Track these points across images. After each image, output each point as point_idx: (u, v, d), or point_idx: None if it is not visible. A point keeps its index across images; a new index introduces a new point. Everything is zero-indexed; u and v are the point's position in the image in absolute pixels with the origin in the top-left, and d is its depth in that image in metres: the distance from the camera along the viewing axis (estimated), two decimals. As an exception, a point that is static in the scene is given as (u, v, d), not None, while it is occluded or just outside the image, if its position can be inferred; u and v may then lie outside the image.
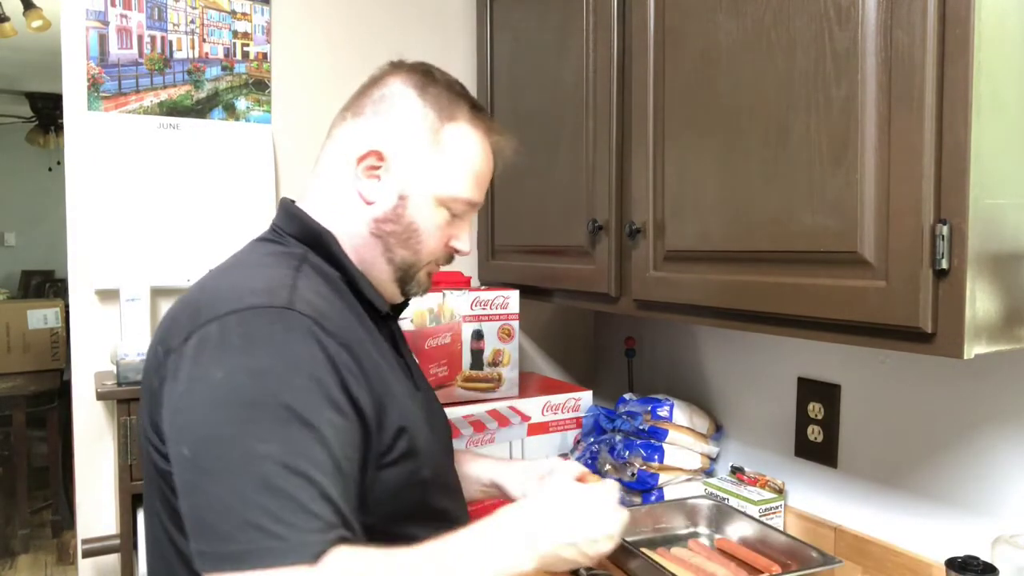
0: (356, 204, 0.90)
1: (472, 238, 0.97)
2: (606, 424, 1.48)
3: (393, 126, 0.89)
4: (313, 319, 0.76)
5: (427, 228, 0.91)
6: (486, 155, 0.94)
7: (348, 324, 0.82)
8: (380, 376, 0.83)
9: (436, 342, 1.39)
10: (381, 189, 0.89)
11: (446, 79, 0.94)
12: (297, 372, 0.73)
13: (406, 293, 0.95)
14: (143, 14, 1.46)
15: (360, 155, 0.89)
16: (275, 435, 0.70)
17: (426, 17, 1.73)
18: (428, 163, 0.89)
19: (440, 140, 0.90)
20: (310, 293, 0.80)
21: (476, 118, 0.93)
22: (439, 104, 0.90)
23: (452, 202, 0.91)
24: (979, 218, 0.78)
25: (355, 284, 0.90)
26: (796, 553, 1.20)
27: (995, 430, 1.09)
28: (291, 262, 0.85)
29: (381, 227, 0.90)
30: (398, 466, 0.82)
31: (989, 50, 0.77)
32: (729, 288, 1.05)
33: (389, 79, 0.92)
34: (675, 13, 1.13)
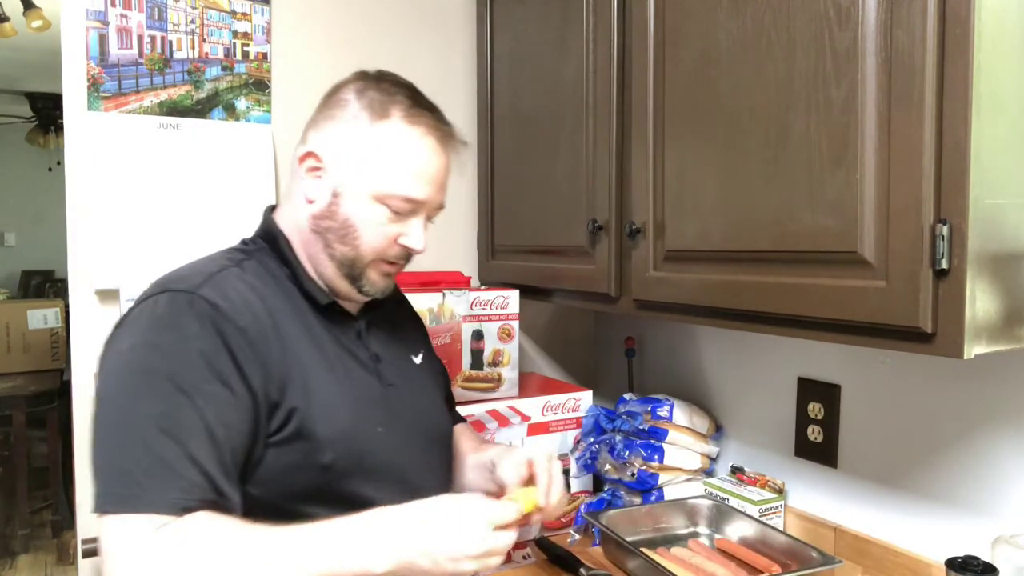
0: (302, 203, 0.96)
1: (424, 235, 0.98)
2: (606, 424, 1.47)
3: (330, 128, 0.95)
4: (213, 304, 0.84)
5: (364, 224, 0.94)
6: (427, 151, 0.95)
7: (266, 314, 0.88)
8: (289, 361, 0.88)
9: (436, 342, 1.39)
10: (319, 187, 0.95)
11: (392, 80, 0.98)
12: (186, 348, 0.82)
13: (361, 291, 0.98)
14: (143, 14, 1.46)
15: (300, 156, 0.96)
16: (157, 401, 0.79)
17: (426, 17, 1.73)
18: (359, 161, 0.93)
19: (371, 138, 0.93)
20: (232, 282, 0.89)
21: (414, 115, 0.94)
22: (372, 105, 0.94)
23: (388, 199, 0.93)
24: (979, 218, 0.78)
25: (298, 279, 0.96)
26: (796, 553, 1.20)
27: (995, 430, 1.09)
28: (234, 257, 0.94)
29: (319, 223, 0.95)
30: (287, 447, 0.87)
31: (989, 50, 0.77)
32: (729, 288, 1.05)
33: (342, 87, 0.98)
34: (675, 13, 1.13)
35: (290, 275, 0.96)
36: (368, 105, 0.94)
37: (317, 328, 0.94)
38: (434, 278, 1.49)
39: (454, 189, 1.77)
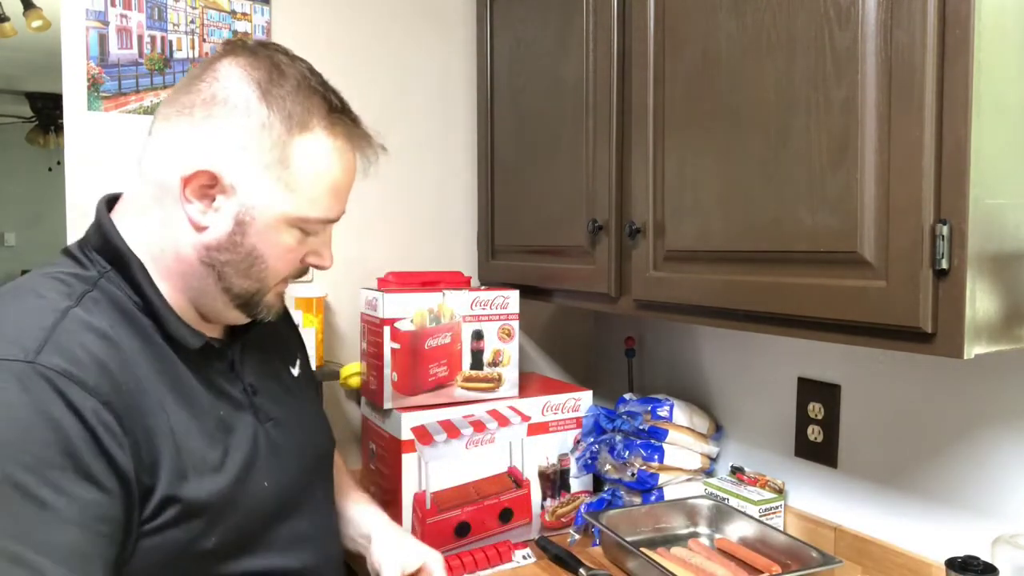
0: (181, 227, 0.77)
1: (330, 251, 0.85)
2: (606, 424, 1.47)
3: (228, 140, 0.75)
4: (65, 373, 0.65)
5: (273, 253, 0.79)
6: (345, 164, 0.81)
7: (126, 371, 0.71)
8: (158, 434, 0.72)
9: (436, 342, 1.39)
10: (214, 214, 0.76)
11: (297, 71, 0.78)
12: (32, 441, 0.62)
13: (253, 317, 0.84)
14: (143, 14, 1.46)
15: (187, 175, 0.75)
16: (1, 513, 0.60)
17: (426, 17, 1.73)
18: (274, 185, 0.76)
19: (288, 156, 0.76)
20: (78, 334, 0.69)
21: (333, 123, 0.79)
22: (286, 111, 0.76)
23: (304, 222, 0.79)
24: (979, 218, 0.78)
25: (159, 319, 0.77)
26: (796, 553, 1.20)
27: (995, 430, 1.09)
28: (76, 290, 0.74)
29: (214, 256, 0.77)
30: (160, 535, 0.71)
31: (989, 50, 0.77)
32: (729, 288, 1.05)
33: (224, 71, 0.76)
34: (675, 13, 1.13)
35: (145, 309, 0.77)
36: (280, 112, 0.76)
37: (183, 377, 0.77)
38: (434, 278, 1.49)
39: (454, 189, 1.79)
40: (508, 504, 1.41)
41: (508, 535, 1.41)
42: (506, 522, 1.42)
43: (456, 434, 1.37)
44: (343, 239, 1.64)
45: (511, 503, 1.42)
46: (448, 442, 1.36)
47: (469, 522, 1.37)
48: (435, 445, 1.35)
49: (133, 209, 0.81)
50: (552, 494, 1.47)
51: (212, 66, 0.78)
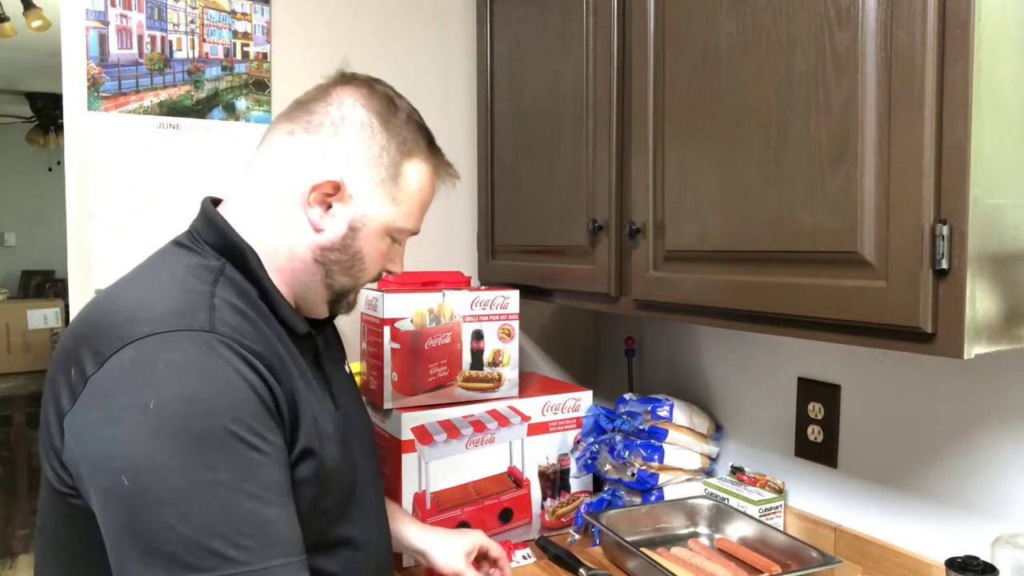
0: (301, 228, 0.87)
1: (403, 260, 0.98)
2: (606, 424, 1.47)
3: (354, 156, 0.87)
4: (237, 341, 0.74)
5: (372, 256, 0.91)
6: (434, 187, 0.96)
7: (268, 342, 0.80)
8: (296, 396, 0.81)
9: (436, 342, 1.39)
10: (332, 218, 0.87)
11: (407, 107, 0.93)
12: (234, 395, 0.71)
13: (334, 313, 0.95)
14: (143, 14, 1.46)
15: (316, 183, 0.85)
16: (223, 461, 0.69)
17: (426, 17, 1.73)
18: (384, 198, 0.89)
19: (399, 176, 0.89)
20: (229, 311, 0.78)
21: (433, 155, 0.93)
22: (401, 138, 0.90)
23: (398, 232, 0.92)
24: (979, 218, 0.78)
25: (273, 304, 0.86)
26: (796, 553, 1.20)
27: (995, 430, 1.09)
28: (207, 276, 0.82)
29: (327, 255, 0.88)
30: (301, 489, 0.79)
31: (989, 50, 0.77)
32: (729, 288, 1.05)
33: (346, 97, 0.89)
34: (675, 13, 1.13)
35: (261, 296, 0.85)
36: (397, 137, 0.89)
37: (292, 351, 0.86)
38: (434, 278, 1.49)
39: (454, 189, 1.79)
40: (508, 504, 1.41)
41: (508, 535, 1.41)
42: (506, 522, 1.42)
43: (456, 434, 1.37)
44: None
45: (511, 503, 1.42)
46: (448, 442, 1.36)
47: (469, 522, 1.37)
48: (435, 445, 1.35)
49: (245, 210, 0.89)
50: (552, 494, 1.47)
51: (335, 91, 0.90)
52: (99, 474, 0.69)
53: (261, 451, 0.71)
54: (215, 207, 0.90)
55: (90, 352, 0.72)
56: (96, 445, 0.69)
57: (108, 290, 0.84)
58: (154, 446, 0.67)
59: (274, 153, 0.89)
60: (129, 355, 0.70)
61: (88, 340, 0.74)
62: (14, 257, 6.36)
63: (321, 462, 0.82)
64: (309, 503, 0.81)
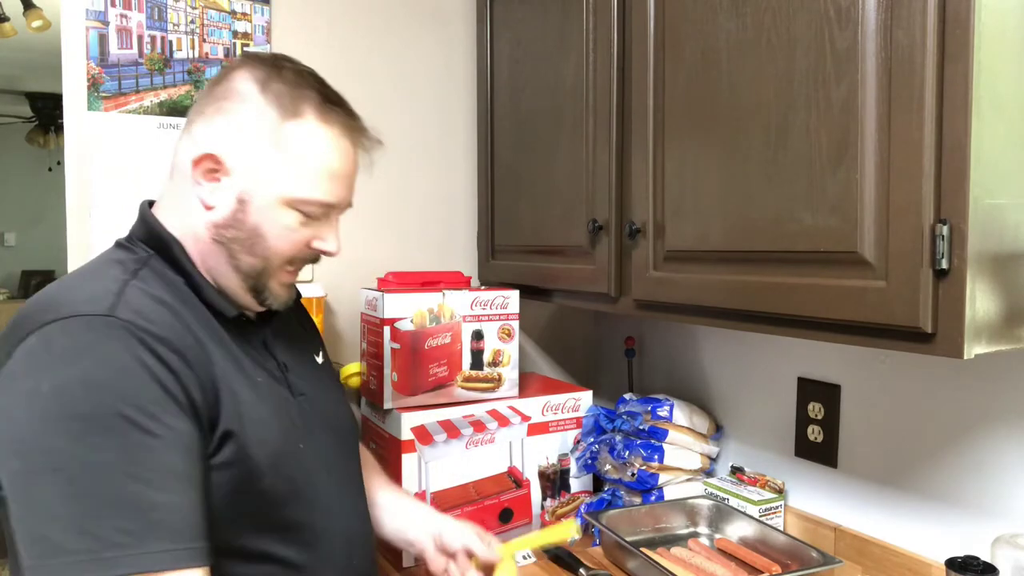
0: (197, 209, 0.87)
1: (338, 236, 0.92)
2: (606, 424, 1.47)
3: (231, 127, 0.85)
4: (137, 325, 0.75)
5: (273, 231, 0.86)
6: (341, 151, 0.88)
7: (185, 329, 0.80)
8: (217, 380, 0.81)
9: (436, 342, 1.39)
10: (220, 193, 0.86)
11: (296, 70, 0.88)
12: (126, 379, 0.72)
13: (264, 303, 0.91)
14: (143, 14, 1.46)
15: (195, 158, 0.85)
16: (112, 445, 0.69)
17: (426, 17, 1.73)
18: (268, 165, 0.85)
19: (281, 139, 0.85)
20: (141, 298, 0.79)
21: (327, 112, 0.87)
22: (281, 100, 0.85)
23: (301, 204, 0.86)
24: (979, 218, 0.78)
25: (199, 290, 0.86)
26: (796, 553, 1.20)
27: (995, 430, 1.09)
28: (129, 267, 0.84)
29: (222, 233, 0.86)
30: (224, 472, 0.79)
31: (989, 50, 0.77)
32: (729, 288, 1.05)
33: (234, 74, 0.87)
34: (675, 13, 1.13)
35: (188, 285, 0.86)
36: (276, 101, 0.85)
37: (228, 341, 0.86)
38: (434, 278, 1.49)
39: (454, 189, 1.79)
40: (508, 504, 1.41)
41: (508, 535, 1.41)
42: (506, 522, 1.42)
43: (456, 434, 1.37)
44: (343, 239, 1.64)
45: (511, 503, 1.42)
46: (448, 442, 1.36)
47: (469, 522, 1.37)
48: (435, 445, 1.35)
49: (166, 202, 0.91)
50: (552, 494, 1.47)
51: (226, 72, 0.89)
52: (2, 460, 0.71)
53: (155, 435, 0.71)
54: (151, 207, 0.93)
55: (8, 340, 0.76)
56: (1, 431, 0.71)
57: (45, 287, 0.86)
58: (45, 428, 0.69)
59: (180, 141, 0.90)
60: (32, 342, 0.73)
61: (13, 331, 0.77)
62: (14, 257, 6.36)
63: (243, 445, 0.81)
64: (236, 484, 0.80)
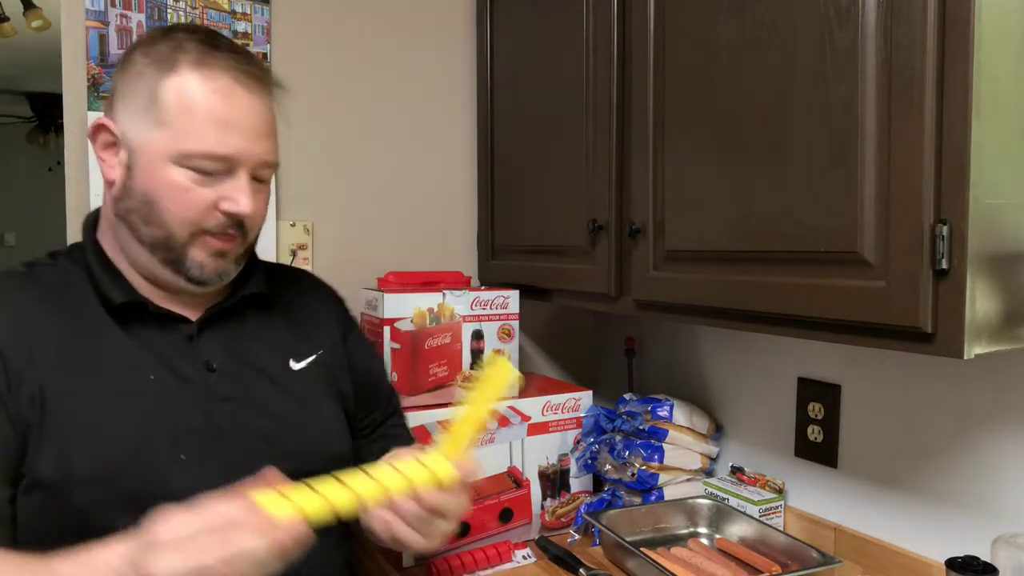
0: (106, 189, 0.85)
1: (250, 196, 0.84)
2: (606, 424, 1.47)
3: (117, 94, 0.83)
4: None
5: (167, 194, 0.80)
6: (225, 96, 0.81)
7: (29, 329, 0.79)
8: (45, 385, 0.78)
9: (436, 342, 1.39)
10: (116, 165, 0.82)
11: (185, 28, 0.85)
12: None
13: (188, 276, 0.84)
14: (143, 14, 1.46)
15: (89, 132, 0.84)
16: None
17: (426, 17, 1.73)
18: (147, 124, 0.81)
19: (157, 96, 0.80)
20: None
21: (205, 58, 0.81)
22: (159, 57, 0.82)
23: (189, 159, 0.80)
24: (979, 218, 0.78)
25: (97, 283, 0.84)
26: (796, 553, 1.20)
27: (995, 430, 1.09)
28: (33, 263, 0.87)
29: (119, 206, 0.83)
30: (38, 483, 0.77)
31: (989, 50, 0.77)
32: (729, 288, 1.05)
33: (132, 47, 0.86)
34: (675, 13, 1.13)
35: (90, 280, 0.84)
36: (155, 60, 0.81)
37: (106, 338, 0.82)
38: (434, 278, 1.49)
39: (454, 189, 1.79)
40: (508, 504, 1.41)
41: (508, 535, 1.41)
42: (506, 522, 1.42)
43: (456, 434, 1.37)
44: (343, 239, 1.65)
45: (511, 503, 1.42)
46: (448, 442, 1.36)
47: (469, 522, 1.37)
48: (435, 445, 1.35)
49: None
50: (552, 494, 1.47)
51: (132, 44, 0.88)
52: None
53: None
54: None
55: None
56: None
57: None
58: None
59: None
60: None
61: None
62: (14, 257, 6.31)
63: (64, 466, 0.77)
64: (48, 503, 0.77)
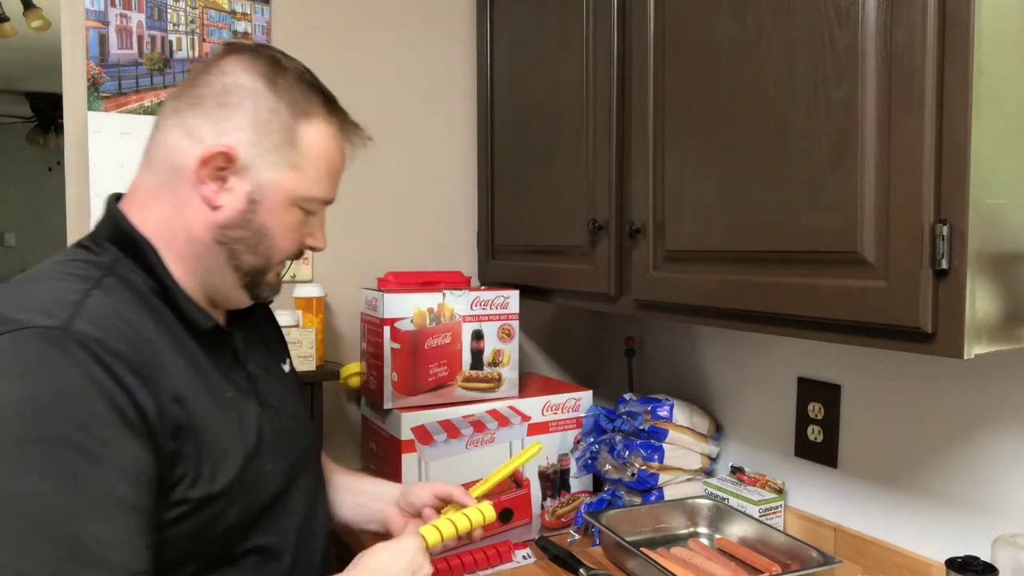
0: (196, 208, 0.81)
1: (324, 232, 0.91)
2: (606, 424, 1.47)
3: (242, 123, 0.81)
4: (96, 339, 0.69)
5: (279, 231, 0.84)
6: (341, 150, 0.88)
7: (147, 344, 0.75)
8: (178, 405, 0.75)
9: (436, 342, 1.39)
10: (230, 193, 0.81)
11: (295, 68, 0.86)
12: (75, 398, 0.66)
13: (256, 297, 0.89)
14: (143, 14, 1.46)
15: (204, 155, 0.80)
16: (53, 472, 0.63)
17: (426, 17, 1.73)
18: (282, 164, 0.82)
19: (296, 139, 0.83)
20: (102, 309, 0.73)
21: (331, 113, 0.87)
22: (292, 98, 0.83)
23: (307, 202, 0.85)
24: (979, 218, 0.78)
25: (172, 300, 0.81)
26: (796, 553, 1.20)
27: (995, 430, 1.09)
28: (90, 273, 0.77)
29: (227, 233, 0.82)
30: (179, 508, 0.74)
31: (989, 50, 0.77)
32: (729, 288, 1.05)
33: (231, 66, 0.83)
34: (675, 13, 1.13)
35: (159, 292, 0.81)
36: (287, 98, 0.83)
37: (198, 356, 0.81)
38: (434, 278, 1.49)
39: (454, 189, 1.79)
40: (508, 504, 1.41)
41: (508, 535, 1.41)
42: (506, 522, 1.42)
43: (456, 434, 1.37)
44: (343, 239, 1.65)
45: (511, 503, 1.42)
46: (448, 442, 1.36)
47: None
48: (435, 445, 1.35)
49: (141, 198, 0.84)
50: (552, 494, 1.47)
51: (217, 63, 0.84)
52: None
53: (99, 459, 0.65)
54: (118, 202, 0.86)
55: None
56: None
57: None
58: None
59: (163, 134, 0.84)
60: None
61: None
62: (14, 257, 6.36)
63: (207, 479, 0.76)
64: (205, 523, 0.76)
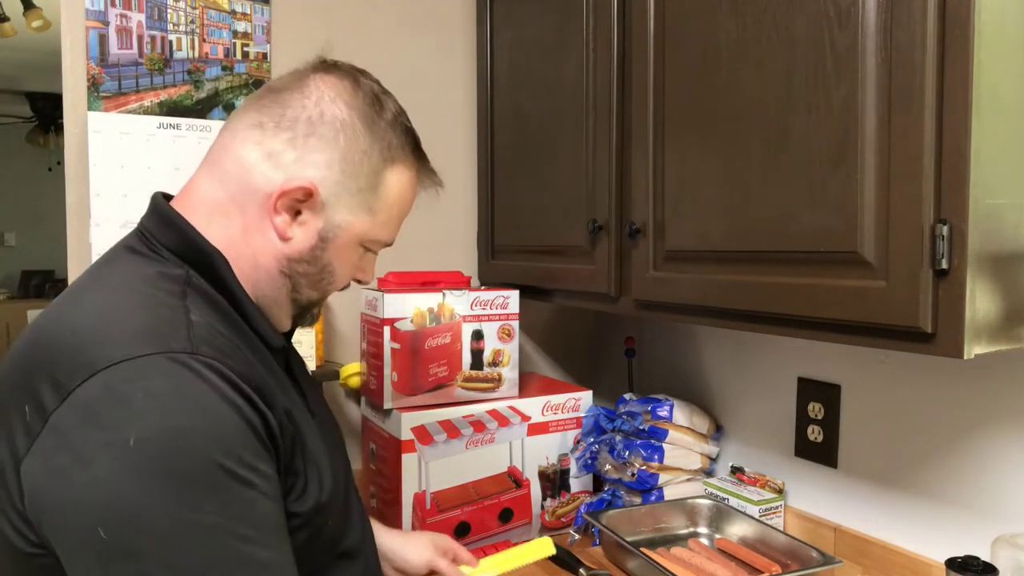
0: (266, 236, 0.78)
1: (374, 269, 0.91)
2: (606, 424, 1.48)
3: (331, 160, 0.77)
4: (222, 363, 0.66)
5: (342, 269, 0.83)
6: (415, 196, 0.88)
7: (248, 361, 0.72)
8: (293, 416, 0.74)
9: (436, 342, 1.39)
10: (301, 227, 0.78)
11: (394, 108, 0.84)
12: (221, 425, 0.63)
13: (298, 325, 0.89)
14: (143, 14, 1.46)
15: (287, 188, 0.76)
16: (212, 501, 0.61)
17: (426, 16, 1.73)
18: (360, 208, 0.80)
19: (379, 184, 0.81)
20: (206, 329, 0.69)
21: (417, 159, 0.86)
22: (385, 142, 0.81)
23: (372, 243, 0.85)
24: (979, 218, 0.78)
25: (247, 317, 0.78)
26: (796, 553, 1.20)
27: (995, 430, 1.09)
28: (173, 287, 0.72)
29: (294, 266, 0.80)
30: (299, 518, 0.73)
31: (989, 50, 0.77)
32: (729, 288, 1.05)
33: (326, 91, 0.79)
34: (675, 13, 1.13)
35: (234, 307, 0.77)
36: (381, 143, 0.80)
37: (270, 364, 0.78)
38: (434, 278, 1.49)
39: (454, 189, 1.79)
40: (508, 504, 1.42)
41: (508, 535, 1.41)
42: (506, 522, 1.42)
43: (456, 434, 1.37)
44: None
45: (511, 503, 1.42)
46: (448, 442, 1.36)
47: (469, 522, 1.37)
48: (435, 445, 1.35)
49: (205, 210, 0.78)
50: (552, 494, 1.47)
51: (312, 81, 0.80)
52: (70, 526, 0.60)
53: (253, 485, 0.64)
54: (168, 204, 0.80)
55: (48, 384, 0.63)
56: (65, 493, 0.60)
57: (56, 306, 0.73)
58: (135, 488, 0.59)
59: (240, 147, 0.78)
60: (100, 385, 0.61)
61: (42, 369, 0.64)
62: (14, 257, 6.36)
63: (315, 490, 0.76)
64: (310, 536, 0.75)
